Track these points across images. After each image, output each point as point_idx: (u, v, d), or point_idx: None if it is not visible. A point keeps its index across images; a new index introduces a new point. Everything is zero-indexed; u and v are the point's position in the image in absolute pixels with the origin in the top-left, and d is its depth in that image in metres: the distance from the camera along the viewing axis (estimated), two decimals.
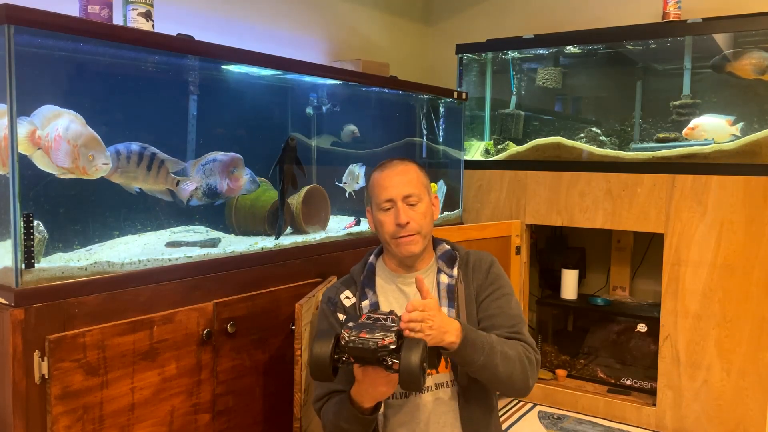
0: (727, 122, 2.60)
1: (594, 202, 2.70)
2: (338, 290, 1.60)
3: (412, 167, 1.56)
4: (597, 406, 2.70)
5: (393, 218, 1.48)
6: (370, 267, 1.60)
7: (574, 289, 2.98)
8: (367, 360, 1.23)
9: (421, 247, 1.51)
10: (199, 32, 1.77)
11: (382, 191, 1.51)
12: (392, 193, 1.49)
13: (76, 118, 1.47)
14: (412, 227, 1.48)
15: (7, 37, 1.29)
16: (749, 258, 2.37)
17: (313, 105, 2.40)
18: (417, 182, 1.52)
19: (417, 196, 1.50)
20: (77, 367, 1.37)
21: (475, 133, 3.24)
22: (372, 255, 1.63)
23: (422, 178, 1.55)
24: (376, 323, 1.26)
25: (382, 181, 1.52)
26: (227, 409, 1.71)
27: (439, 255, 1.59)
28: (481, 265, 1.57)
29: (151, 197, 1.72)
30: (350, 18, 3.08)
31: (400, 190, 1.49)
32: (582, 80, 3.17)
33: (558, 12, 3.21)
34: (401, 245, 1.49)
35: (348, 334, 1.23)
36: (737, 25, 2.52)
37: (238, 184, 1.89)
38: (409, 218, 1.48)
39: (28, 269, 1.36)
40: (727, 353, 2.42)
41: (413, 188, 1.50)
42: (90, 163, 1.47)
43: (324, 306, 1.59)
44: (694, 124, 2.64)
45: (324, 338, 1.26)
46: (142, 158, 1.64)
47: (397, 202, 1.49)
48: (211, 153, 1.86)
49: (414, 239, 1.49)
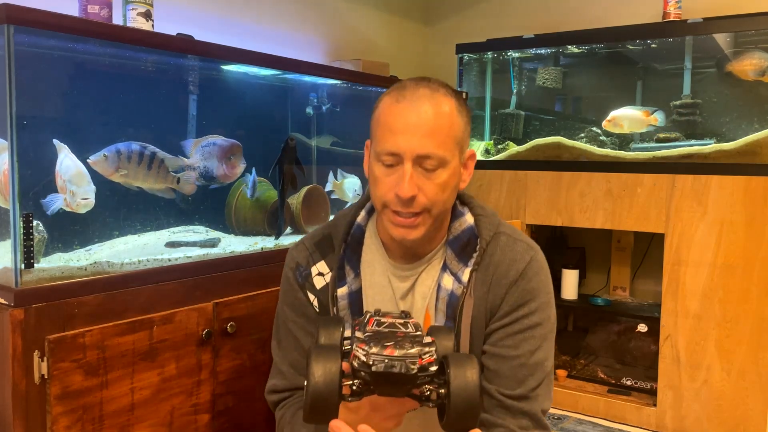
0: (644, 113, 2.67)
1: (594, 202, 2.70)
2: (310, 257, 1.16)
3: (448, 108, 1.00)
4: (597, 406, 2.69)
5: (393, 182, 0.99)
6: (357, 232, 1.13)
7: (574, 289, 2.98)
8: (400, 389, 0.83)
9: (425, 231, 1.04)
10: (199, 32, 1.77)
11: (387, 135, 0.99)
12: (401, 144, 0.97)
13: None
14: (419, 203, 0.99)
15: (6, 37, 1.29)
16: (749, 258, 2.37)
17: (313, 105, 2.40)
18: (446, 135, 0.99)
19: (439, 159, 0.98)
20: (77, 367, 1.37)
21: (475, 133, 3.23)
22: (362, 211, 1.14)
23: (456, 128, 1.01)
24: (396, 332, 0.86)
25: (392, 120, 0.99)
26: (227, 410, 1.71)
27: (451, 238, 1.08)
28: (509, 269, 1.06)
29: (150, 197, 1.72)
30: (350, 18, 3.07)
31: (416, 143, 0.97)
32: (582, 80, 3.17)
33: (558, 12, 3.21)
34: (394, 227, 1.02)
35: (365, 351, 0.83)
36: (737, 25, 2.52)
37: (234, 171, 1.89)
38: (416, 191, 0.98)
39: (27, 269, 1.36)
40: (728, 353, 2.42)
41: (436, 146, 0.98)
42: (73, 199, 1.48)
43: (290, 273, 1.19)
44: (611, 116, 2.73)
45: (324, 357, 0.83)
46: (143, 157, 1.64)
47: (406, 161, 0.98)
48: (211, 136, 1.87)
49: (416, 221, 1.01)
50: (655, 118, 2.67)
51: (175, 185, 1.75)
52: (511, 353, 1.02)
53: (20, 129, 1.34)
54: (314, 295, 1.15)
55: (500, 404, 1.02)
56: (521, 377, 1.02)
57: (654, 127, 2.69)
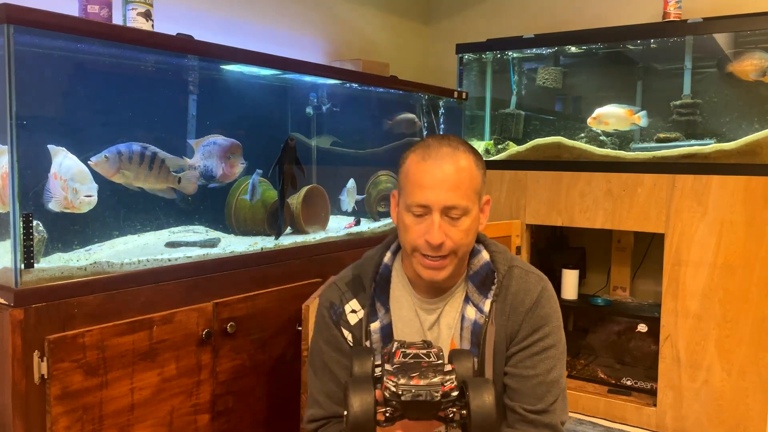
0: (628, 112, 2.71)
1: (594, 202, 2.70)
2: (343, 296, 1.27)
3: (467, 163, 1.14)
4: (597, 406, 2.69)
5: (423, 230, 1.12)
6: (385, 271, 1.25)
7: (574, 289, 2.98)
8: (426, 414, 0.96)
9: (451, 272, 1.17)
10: (199, 32, 1.77)
11: (416, 190, 1.12)
12: (430, 198, 1.11)
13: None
14: (446, 247, 1.12)
15: (6, 37, 1.29)
16: (749, 258, 2.37)
17: (313, 105, 2.40)
18: (467, 187, 1.13)
19: (462, 209, 1.12)
20: (77, 367, 1.37)
21: (475, 133, 3.23)
22: (388, 252, 1.27)
23: (476, 181, 1.15)
24: (420, 362, 0.98)
25: (420, 176, 1.12)
26: (227, 410, 1.71)
27: (471, 273, 1.22)
28: (525, 298, 1.19)
29: (150, 197, 1.72)
30: (350, 18, 3.07)
31: (442, 197, 1.11)
32: (582, 80, 3.17)
33: (558, 12, 3.21)
34: (424, 269, 1.15)
35: (394, 382, 0.95)
36: (737, 25, 2.52)
37: (233, 170, 1.89)
38: (444, 238, 1.12)
39: (27, 269, 1.36)
40: (728, 353, 2.42)
41: (460, 198, 1.11)
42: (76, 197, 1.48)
43: (325, 312, 1.29)
44: (596, 113, 2.78)
45: (360, 389, 0.95)
46: (144, 158, 1.65)
47: (434, 212, 1.11)
48: (212, 135, 1.87)
49: (444, 263, 1.14)
50: (639, 117, 2.71)
51: (176, 185, 1.75)
52: (530, 373, 1.17)
53: (20, 129, 1.34)
54: (348, 331, 1.26)
55: (524, 419, 1.16)
56: (540, 394, 1.16)
57: (637, 126, 2.73)
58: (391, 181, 2.62)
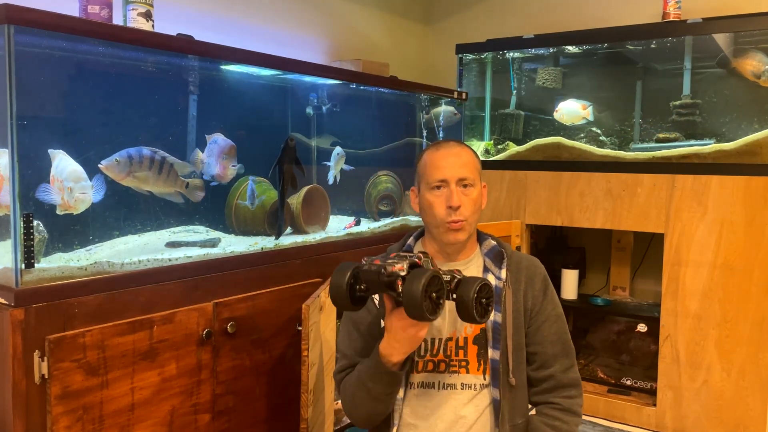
0: (582, 107, 2.86)
1: (594, 202, 2.70)
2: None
3: (468, 150, 1.49)
4: (597, 406, 2.70)
5: (444, 200, 1.41)
6: (408, 249, 1.53)
7: (574, 289, 2.98)
8: (376, 285, 1.20)
9: (467, 236, 1.44)
10: (199, 32, 1.77)
11: (435, 170, 1.43)
12: (447, 173, 1.42)
13: None
14: (462, 212, 1.41)
15: (7, 37, 1.29)
16: (749, 258, 2.37)
17: (313, 105, 2.40)
18: (472, 166, 1.45)
19: (471, 181, 1.43)
20: (77, 367, 1.37)
21: (475, 133, 3.24)
22: (411, 237, 1.57)
23: (477, 164, 1.48)
24: (400, 256, 1.22)
25: (436, 161, 1.44)
26: (227, 410, 1.71)
27: (486, 251, 1.51)
28: (536, 275, 1.50)
29: (151, 197, 1.72)
30: (350, 18, 3.08)
31: (456, 171, 1.42)
32: (582, 80, 3.17)
33: (558, 12, 3.21)
34: (449, 232, 1.42)
35: (365, 260, 1.22)
36: (737, 25, 2.52)
37: (225, 172, 1.90)
38: (461, 202, 1.41)
39: (28, 269, 1.36)
40: (727, 353, 2.42)
41: (468, 171, 1.43)
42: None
43: None
44: (558, 107, 2.92)
45: (344, 268, 1.24)
46: (153, 162, 1.66)
47: (451, 183, 1.41)
48: (215, 134, 1.88)
49: (463, 225, 1.42)
50: (588, 113, 2.81)
51: (183, 190, 1.76)
52: (556, 338, 1.46)
53: (20, 129, 1.34)
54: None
55: (558, 383, 1.45)
56: (565, 353, 1.46)
57: (587, 121, 2.87)
58: (391, 181, 2.63)
